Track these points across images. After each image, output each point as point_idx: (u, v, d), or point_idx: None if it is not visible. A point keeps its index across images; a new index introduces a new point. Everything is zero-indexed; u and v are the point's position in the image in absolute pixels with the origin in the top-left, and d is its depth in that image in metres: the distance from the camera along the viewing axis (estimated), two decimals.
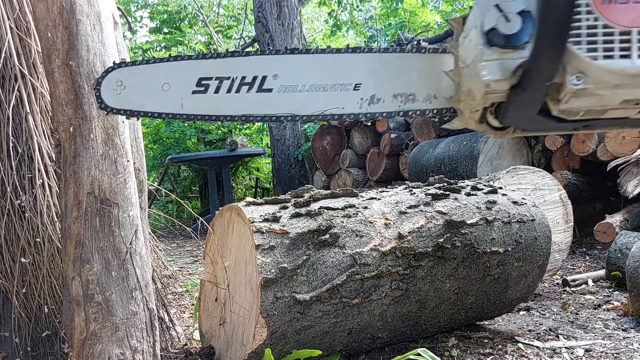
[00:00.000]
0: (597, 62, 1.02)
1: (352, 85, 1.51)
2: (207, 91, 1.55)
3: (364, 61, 1.52)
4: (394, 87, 1.50)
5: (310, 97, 1.52)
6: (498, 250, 2.22)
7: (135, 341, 1.66)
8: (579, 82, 1.06)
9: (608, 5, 1.01)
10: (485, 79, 1.15)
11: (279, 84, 1.52)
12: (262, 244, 1.84)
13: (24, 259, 1.94)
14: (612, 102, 1.12)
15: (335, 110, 1.51)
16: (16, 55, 1.97)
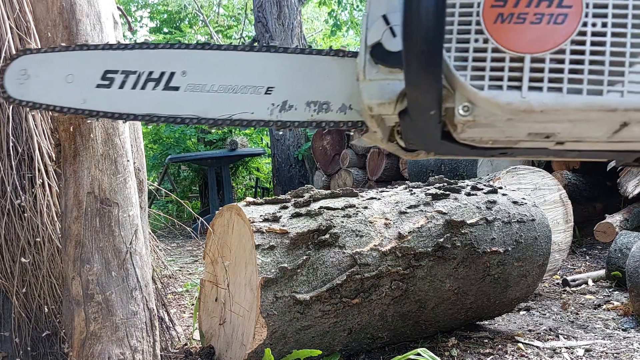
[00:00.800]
0: (483, 92, 0.83)
1: (263, 89, 1.37)
2: (111, 85, 1.44)
3: (278, 62, 1.38)
4: (307, 94, 1.35)
5: (218, 98, 1.39)
6: (498, 250, 2.22)
7: (135, 341, 1.66)
8: (466, 114, 0.88)
9: (501, 25, 0.82)
10: (367, 101, 0.97)
11: (187, 82, 1.41)
12: (262, 244, 1.84)
13: (24, 259, 1.94)
14: (517, 134, 0.95)
15: (244, 115, 1.38)
16: None
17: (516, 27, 0.82)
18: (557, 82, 0.81)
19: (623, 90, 0.80)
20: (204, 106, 1.40)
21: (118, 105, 1.45)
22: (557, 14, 0.81)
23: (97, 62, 1.47)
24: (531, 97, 0.82)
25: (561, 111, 0.82)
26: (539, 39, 0.81)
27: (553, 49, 0.81)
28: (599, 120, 0.84)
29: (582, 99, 0.81)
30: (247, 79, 1.38)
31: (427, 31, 0.80)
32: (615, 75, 0.80)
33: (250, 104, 1.37)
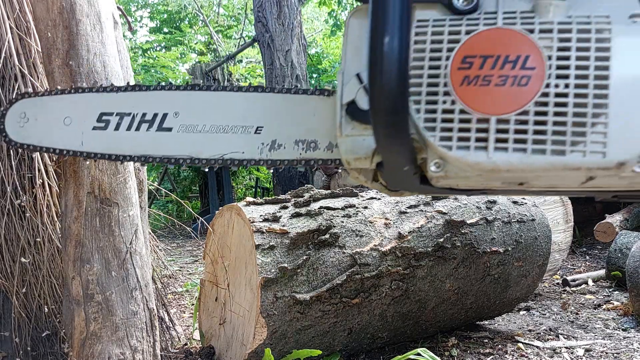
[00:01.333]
0: (452, 152, 0.85)
1: (253, 128, 1.39)
2: (107, 127, 1.48)
3: (267, 102, 1.40)
4: (295, 133, 1.37)
5: (210, 138, 1.41)
6: (498, 250, 2.22)
7: (135, 341, 1.66)
8: (438, 170, 0.89)
9: (467, 87, 0.84)
10: (345, 156, 0.99)
11: (179, 123, 1.43)
12: (262, 244, 1.84)
13: (24, 259, 1.94)
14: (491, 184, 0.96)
15: (235, 154, 1.40)
16: (16, 55, 1.96)
17: (482, 89, 0.84)
18: (522, 143, 0.83)
19: (585, 150, 0.81)
20: (196, 146, 1.42)
21: (114, 147, 1.48)
22: (521, 76, 0.83)
23: (93, 105, 1.50)
24: (497, 158, 0.84)
25: (527, 170, 0.84)
26: (503, 101, 0.83)
27: (517, 110, 0.83)
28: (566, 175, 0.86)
29: (546, 159, 0.83)
30: (237, 118, 1.40)
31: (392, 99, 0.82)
32: (577, 136, 0.81)
33: (240, 144, 1.40)
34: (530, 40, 0.84)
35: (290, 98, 1.39)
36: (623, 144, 0.81)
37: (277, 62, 7.80)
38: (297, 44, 7.94)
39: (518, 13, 0.86)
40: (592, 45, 0.82)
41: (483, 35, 0.86)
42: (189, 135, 1.43)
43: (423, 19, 0.90)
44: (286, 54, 7.81)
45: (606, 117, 0.81)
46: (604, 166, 0.82)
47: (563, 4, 0.85)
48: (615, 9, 0.85)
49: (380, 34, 0.81)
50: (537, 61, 0.83)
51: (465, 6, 0.89)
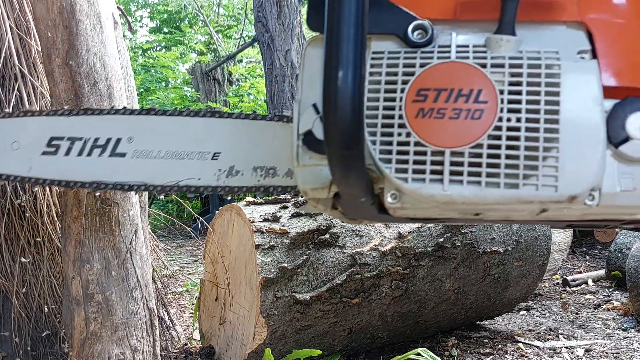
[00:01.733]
0: (407, 185, 0.85)
1: (210, 154, 1.36)
2: (57, 152, 1.43)
3: (224, 128, 1.37)
4: (254, 159, 1.35)
5: (165, 164, 1.37)
6: (498, 250, 2.22)
7: (135, 341, 1.66)
8: (395, 201, 0.89)
9: (422, 119, 0.84)
10: (302, 186, 0.98)
11: (133, 149, 1.39)
12: (262, 244, 1.84)
13: (24, 259, 1.93)
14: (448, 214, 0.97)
15: (191, 181, 1.37)
16: (16, 55, 1.96)
17: (436, 122, 0.84)
18: (476, 176, 0.84)
19: (538, 184, 0.82)
20: (151, 173, 1.39)
21: (64, 173, 1.44)
22: (474, 109, 0.83)
23: (43, 129, 1.45)
24: (452, 190, 0.84)
25: (481, 203, 0.85)
26: (457, 134, 0.84)
27: (471, 143, 0.83)
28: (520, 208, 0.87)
29: (500, 192, 0.83)
30: (194, 144, 1.38)
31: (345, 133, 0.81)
32: (530, 169, 0.82)
33: (197, 170, 1.37)
34: (483, 74, 0.84)
35: (248, 124, 1.37)
36: (574, 178, 0.82)
37: (277, 62, 7.79)
38: (297, 44, 7.93)
39: (471, 47, 0.87)
40: (542, 80, 0.84)
41: (437, 69, 0.87)
42: (144, 161, 1.39)
43: (378, 50, 0.91)
44: (286, 54, 7.80)
45: (557, 151, 0.82)
46: (556, 200, 0.83)
47: (514, 39, 0.86)
48: (564, 44, 0.87)
49: (334, 68, 0.81)
50: (489, 95, 0.84)
51: (419, 39, 0.90)
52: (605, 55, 0.87)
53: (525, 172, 0.82)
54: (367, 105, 0.88)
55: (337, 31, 0.81)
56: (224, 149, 1.36)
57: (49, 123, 1.46)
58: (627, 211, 0.89)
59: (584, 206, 0.84)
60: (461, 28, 0.91)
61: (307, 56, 0.99)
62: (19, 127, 1.48)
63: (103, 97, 1.64)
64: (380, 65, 0.90)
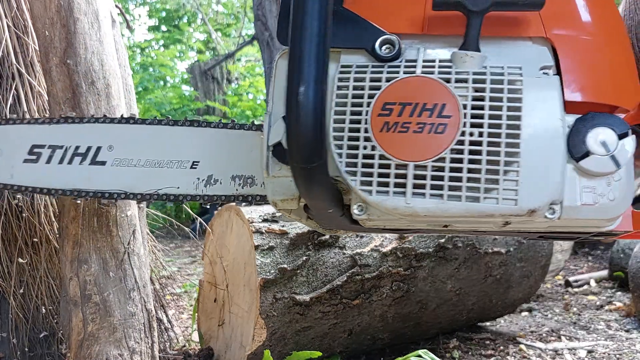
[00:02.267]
0: (372, 197, 0.86)
1: (189, 163, 1.37)
2: (38, 160, 1.44)
3: (203, 137, 1.39)
4: (232, 168, 1.36)
5: (144, 173, 1.39)
6: (500, 250, 2.20)
7: (133, 342, 1.65)
8: (361, 213, 0.91)
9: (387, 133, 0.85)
10: (272, 197, 1.00)
11: (114, 157, 1.40)
12: (262, 245, 1.82)
13: (22, 259, 1.92)
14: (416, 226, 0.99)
15: (170, 190, 1.38)
16: (13, 54, 1.95)
17: (400, 135, 0.85)
18: (438, 189, 0.85)
19: (498, 198, 0.84)
20: (130, 181, 1.41)
21: (45, 180, 1.45)
22: (438, 123, 0.85)
23: (24, 137, 1.47)
24: (415, 203, 0.86)
25: (443, 216, 0.86)
26: (421, 148, 0.85)
27: (434, 157, 0.84)
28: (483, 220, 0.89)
29: (461, 205, 0.85)
30: (173, 153, 1.39)
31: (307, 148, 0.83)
32: (491, 183, 0.84)
33: (176, 179, 1.39)
34: (447, 89, 0.85)
35: (227, 133, 1.37)
36: (533, 192, 0.84)
37: None
38: None
39: (437, 62, 0.88)
40: (505, 95, 0.85)
41: (403, 83, 0.88)
42: (124, 169, 1.41)
43: (347, 64, 0.92)
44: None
45: (518, 166, 0.83)
46: (516, 213, 0.84)
47: (478, 55, 0.87)
48: (528, 60, 0.89)
49: (296, 83, 0.82)
50: (453, 110, 0.85)
51: (387, 54, 0.92)
52: (569, 70, 0.88)
53: (486, 186, 0.84)
54: (335, 118, 0.89)
55: (299, 47, 0.82)
56: (203, 158, 1.38)
57: (31, 131, 1.48)
58: (589, 224, 0.90)
59: (545, 219, 0.85)
60: (429, 43, 0.92)
61: (278, 68, 1.00)
62: (1, 134, 1.50)
63: (101, 96, 1.63)
64: (348, 79, 0.91)
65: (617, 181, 0.87)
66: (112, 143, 1.41)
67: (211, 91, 10.09)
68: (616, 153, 0.85)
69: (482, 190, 0.84)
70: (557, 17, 0.91)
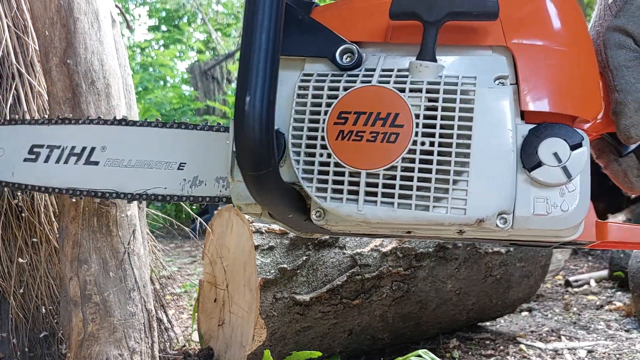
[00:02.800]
0: (326, 204, 0.88)
1: (176, 164, 1.39)
2: (37, 159, 1.49)
3: (190, 139, 1.41)
4: (216, 170, 1.37)
5: (134, 173, 1.42)
6: (500, 250, 2.20)
7: (134, 342, 1.65)
8: (319, 219, 0.93)
9: (341, 141, 0.87)
10: (236, 202, 1.01)
11: (106, 157, 1.44)
12: (262, 245, 1.82)
13: (22, 259, 1.92)
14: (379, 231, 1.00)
15: (158, 190, 1.40)
16: (13, 54, 1.95)
17: (355, 144, 0.87)
18: (389, 197, 0.86)
19: (447, 207, 0.84)
20: (121, 180, 1.43)
21: (43, 179, 1.49)
22: (390, 132, 0.86)
23: (25, 137, 1.51)
24: (366, 210, 0.87)
25: (394, 224, 0.87)
26: (373, 156, 0.86)
27: (386, 165, 0.85)
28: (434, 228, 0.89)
29: (411, 214, 0.86)
30: (161, 154, 1.41)
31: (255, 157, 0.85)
32: (441, 192, 0.85)
33: (163, 179, 1.41)
34: (401, 98, 0.86)
35: (212, 135, 1.39)
36: (482, 202, 0.84)
37: None
38: None
39: (395, 72, 0.88)
40: (457, 105, 0.85)
41: (359, 92, 0.88)
42: (115, 169, 1.43)
43: (309, 72, 0.93)
44: None
45: (467, 176, 0.84)
46: (464, 222, 0.85)
47: (434, 65, 0.87)
48: (485, 70, 0.88)
49: (243, 92, 0.83)
50: (405, 119, 0.85)
51: (347, 63, 0.92)
52: (527, 80, 0.88)
53: (436, 194, 0.85)
54: (293, 125, 0.91)
55: (247, 57, 0.83)
56: (189, 160, 1.40)
57: (31, 131, 1.52)
58: (546, 234, 0.90)
59: (497, 228, 0.85)
60: (390, 51, 0.93)
61: None
62: (3, 134, 1.55)
63: (101, 96, 1.63)
64: (308, 87, 0.92)
65: (570, 192, 0.87)
66: (105, 144, 1.45)
67: (211, 91, 10.09)
68: (568, 164, 0.85)
69: (431, 199, 0.85)
70: (519, 25, 0.90)
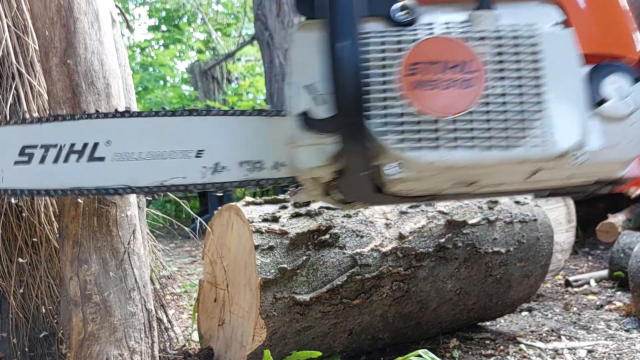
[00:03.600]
0: (406, 154, 0.91)
1: (193, 153, 1.36)
2: (31, 161, 1.39)
3: (205, 125, 1.37)
4: (239, 154, 1.35)
5: (147, 166, 1.36)
6: (500, 250, 2.20)
7: (134, 342, 1.65)
8: (393, 174, 0.95)
9: (416, 91, 0.91)
10: (301, 166, 1.03)
11: (113, 152, 1.36)
12: (262, 244, 1.82)
13: (22, 259, 1.92)
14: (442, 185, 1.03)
15: (176, 180, 1.36)
16: (14, 54, 1.95)
17: (429, 92, 0.91)
18: (469, 140, 0.91)
19: (527, 145, 0.90)
20: (133, 174, 1.38)
21: (40, 182, 1.41)
22: (464, 79, 0.91)
23: (14, 138, 1.42)
24: (449, 156, 0.92)
25: (477, 166, 0.92)
26: (450, 103, 0.91)
27: (463, 110, 0.90)
28: (513, 169, 0.95)
29: (493, 154, 0.91)
30: (175, 143, 1.37)
31: (353, 101, 0.90)
32: (519, 132, 0.90)
33: (181, 169, 1.37)
34: (468, 47, 0.92)
35: (229, 120, 1.38)
36: (560, 138, 0.90)
37: (276, 60, 7.78)
38: None
39: (456, 23, 0.94)
40: (524, 49, 0.91)
41: (425, 44, 0.93)
42: (125, 163, 1.37)
43: (369, 30, 0.98)
44: (286, 52, 7.78)
45: (542, 114, 0.90)
46: (545, 158, 0.91)
47: (494, 14, 0.93)
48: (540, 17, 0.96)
49: (338, 39, 0.89)
50: (476, 66, 0.91)
51: (404, 19, 0.97)
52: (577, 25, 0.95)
53: (514, 134, 0.89)
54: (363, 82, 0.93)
55: (337, 10, 0.88)
56: (207, 146, 1.37)
57: (20, 132, 1.43)
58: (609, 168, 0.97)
59: (570, 165, 0.91)
60: (444, 7, 0.98)
61: (297, 40, 1.04)
62: None
63: (101, 96, 1.63)
64: (373, 44, 0.95)
65: (633, 123, 0.92)
66: (110, 138, 1.38)
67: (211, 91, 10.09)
68: (630, 97, 0.91)
69: (511, 139, 0.89)
70: None
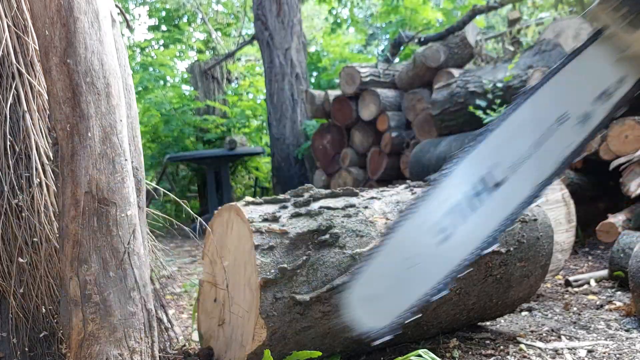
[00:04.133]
0: None
1: (560, 118, 1.53)
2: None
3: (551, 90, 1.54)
4: (591, 94, 1.53)
5: (537, 160, 1.59)
6: (500, 250, 2.20)
7: (134, 342, 1.65)
8: None
9: None
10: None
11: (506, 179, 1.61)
12: (262, 244, 1.82)
13: (22, 259, 1.92)
14: None
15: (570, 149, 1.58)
16: (13, 53, 1.95)
17: None
18: None
19: None
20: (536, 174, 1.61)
21: None
22: None
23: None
24: None
25: None
26: None
27: None
28: None
29: None
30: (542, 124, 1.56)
31: None
32: None
33: (564, 138, 1.57)
34: None
35: (562, 75, 1.56)
36: None
37: (276, 60, 7.78)
38: (296, 42, 7.92)
39: None
40: None
41: None
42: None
43: None
44: (286, 52, 7.79)
45: None
46: None
47: None
48: None
49: None
50: None
51: None
52: None
53: None
54: None
55: None
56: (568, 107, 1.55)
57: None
58: None
59: None
60: None
61: None
62: None
63: (100, 96, 1.63)
64: None
65: None
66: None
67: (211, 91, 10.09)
68: None
69: None
70: None
